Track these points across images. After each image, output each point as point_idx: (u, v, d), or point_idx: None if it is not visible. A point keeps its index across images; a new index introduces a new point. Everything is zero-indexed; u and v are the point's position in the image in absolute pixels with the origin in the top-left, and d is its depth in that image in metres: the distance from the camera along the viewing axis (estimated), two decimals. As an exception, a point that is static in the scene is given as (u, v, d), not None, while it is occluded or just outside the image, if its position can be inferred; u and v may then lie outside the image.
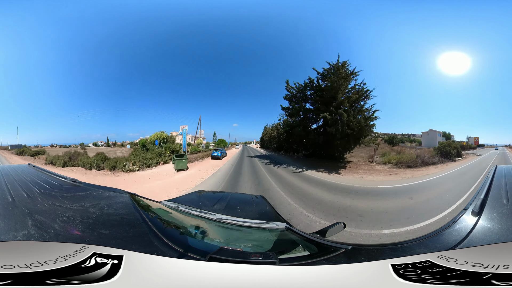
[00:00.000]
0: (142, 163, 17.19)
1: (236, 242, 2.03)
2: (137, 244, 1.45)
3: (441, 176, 12.89)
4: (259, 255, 1.56)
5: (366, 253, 1.65)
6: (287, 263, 1.51)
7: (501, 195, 1.82)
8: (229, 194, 4.44)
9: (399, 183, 12.02)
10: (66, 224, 1.54)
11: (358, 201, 8.92)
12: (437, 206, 7.62)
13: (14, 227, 1.37)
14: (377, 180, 13.06)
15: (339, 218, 6.85)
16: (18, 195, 1.89)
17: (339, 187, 11.39)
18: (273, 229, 2.17)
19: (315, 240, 1.91)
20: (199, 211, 2.41)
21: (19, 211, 1.59)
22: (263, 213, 3.05)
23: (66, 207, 1.84)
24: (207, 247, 1.82)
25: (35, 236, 1.30)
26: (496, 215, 1.53)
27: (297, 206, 8.03)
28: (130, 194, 2.35)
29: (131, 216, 1.87)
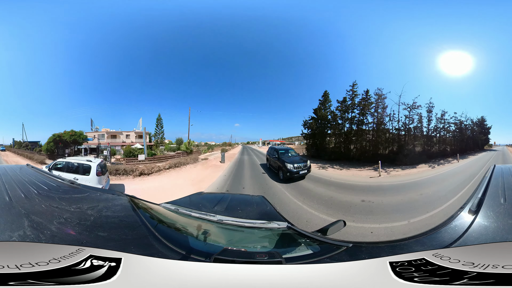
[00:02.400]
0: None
1: (239, 243, 2.02)
2: (136, 246, 1.43)
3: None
4: (265, 254, 1.55)
5: (366, 250, 1.66)
6: (292, 262, 1.50)
7: (499, 195, 1.82)
8: (229, 195, 4.42)
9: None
10: (63, 226, 1.51)
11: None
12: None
13: (10, 227, 1.34)
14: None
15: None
16: (15, 196, 1.86)
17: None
18: (275, 228, 2.16)
19: (317, 238, 1.91)
20: (199, 213, 2.39)
21: (16, 212, 1.56)
22: (264, 213, 3.04)
23: (63, 209, 1.81)
24: (210, 248, 1.79)
25: (30, 237, 1.27)
26: (492, 214, 1.53)
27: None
28: (129, 197, 2.33)
29: (130, 218, 1.85)
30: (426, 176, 13.34)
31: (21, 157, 19.17)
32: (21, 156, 19.43)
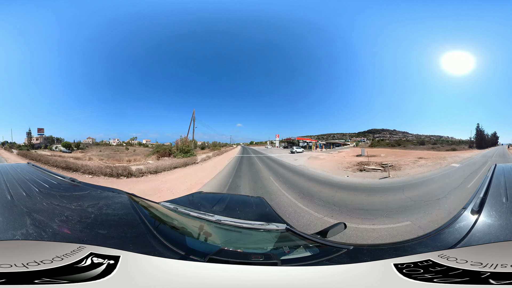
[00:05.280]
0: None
1: (236, 244, 2.02)
2: (134, 244, 1.45)
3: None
4: (260, 256, 1.55)
5: (368, 253, 1.65)
6: (289, 264, 1.50)
7: (500, 194, 1.82)
8: (228, 196, 4.45)
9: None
10: (64, 224, 1.53)
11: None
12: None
13: (13, 225, 1.37)
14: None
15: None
16: (17, 194, 1.89)
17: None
18: (273, 230, 2.16)
19: (316, 240, 1.90)
20: (198, 213, 2.40)
21: (18, 210, 1.59)
22: (263, 215, 3.04)
23: (64, 207, 1.84)
24: (206, 248, 1.81)
25: (33, 235, 1.30)
26: (495, 213, 1.53)
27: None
28: (129, 195, 2.35)
29: (130, 216, 1.87)
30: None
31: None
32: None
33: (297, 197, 8.35)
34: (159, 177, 12.89)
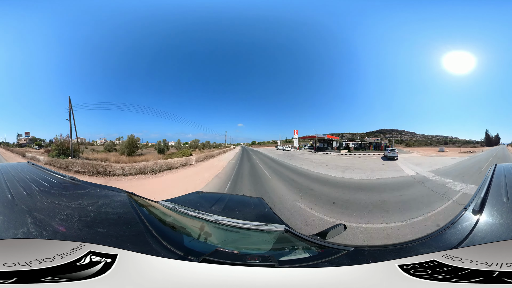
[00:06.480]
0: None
1: (233, 244, 2.02)
2: (132, 243, 1.46)
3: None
4: (257, 257, 1.55)
5: (370, 254, 1.65)
6: (287, 265, 1.49)
7: (501, 193, 1.83)
8: (227, 196, 4.45)
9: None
10: (64, 222, 1.55)
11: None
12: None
13: (14, 224, 1.39)
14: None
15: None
16: (17, 193, 1.91)
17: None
18: (271, 231, 2.16)
19: (316, 242, 1.88)
20: (196, 212, 2.41)
21: (19, 209, 1.61)
22: (262, 215, 3.04)
23: (64, 205, 1.85)
24: (203, 248, 1.82)
25: (34, 234, 1.32)
26: (496, 213, 1.54)
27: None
28: (128, 193, 2.36)
29: (129, 215, 1.88)
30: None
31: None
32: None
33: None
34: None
